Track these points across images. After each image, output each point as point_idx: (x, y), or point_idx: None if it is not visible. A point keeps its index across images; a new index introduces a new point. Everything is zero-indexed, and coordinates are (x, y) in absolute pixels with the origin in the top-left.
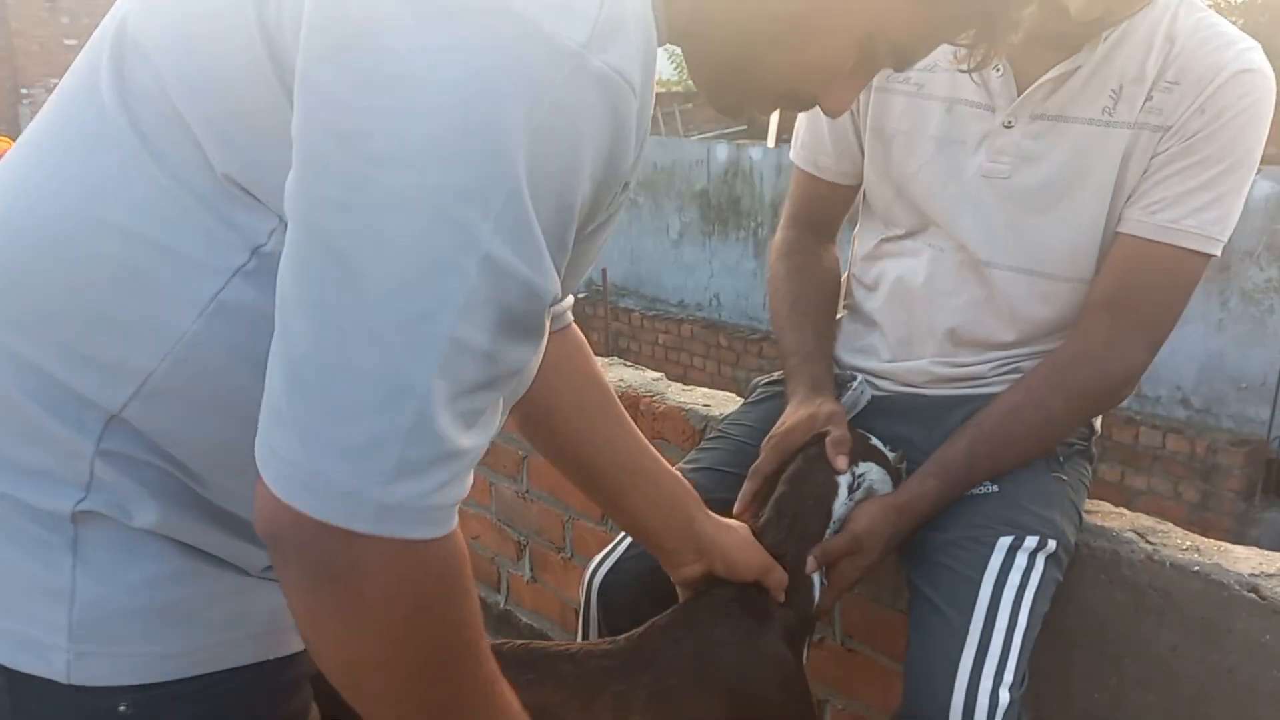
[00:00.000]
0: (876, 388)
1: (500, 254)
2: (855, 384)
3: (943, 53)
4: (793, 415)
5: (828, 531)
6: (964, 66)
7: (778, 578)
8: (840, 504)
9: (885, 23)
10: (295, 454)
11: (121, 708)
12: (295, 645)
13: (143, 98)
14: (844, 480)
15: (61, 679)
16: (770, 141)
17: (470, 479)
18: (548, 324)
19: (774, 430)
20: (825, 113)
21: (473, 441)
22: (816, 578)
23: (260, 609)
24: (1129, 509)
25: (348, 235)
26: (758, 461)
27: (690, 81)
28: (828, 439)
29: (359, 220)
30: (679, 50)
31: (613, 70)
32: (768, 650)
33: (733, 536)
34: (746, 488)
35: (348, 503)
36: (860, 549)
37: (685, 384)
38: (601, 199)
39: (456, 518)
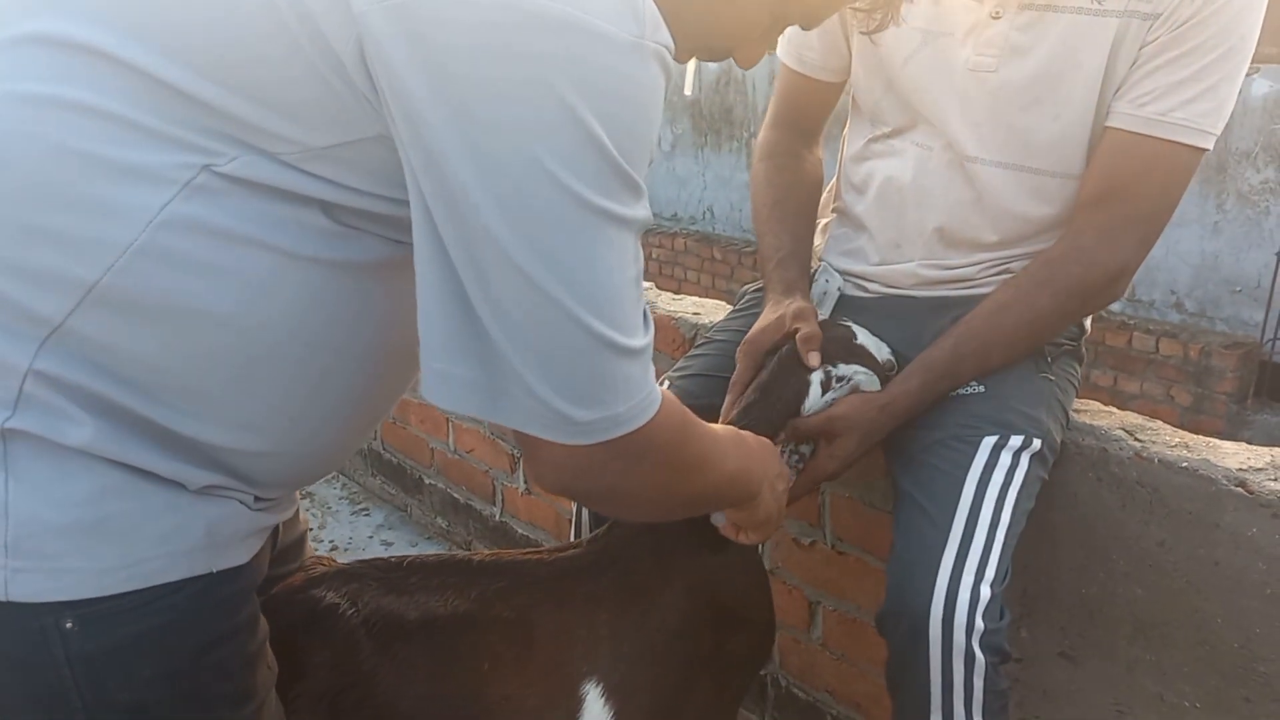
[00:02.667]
0: (865, 290)
1: (631, 214)
2: (818, 272)
3: None
4: (763, 319)
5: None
6: (864, 28)
7: None
8: (812, 404)
9: None
10: (549, 409)
11: (67, 624)
12: (236, 559)
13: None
14: (816, 378)
15: (0, 596)
16: (687, 90)
17: None
18: None
19: (746, 337)
20: (738, 64)
21: (651, 330)
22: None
23: (197, 524)
24: None
25: (516, 248)
26: (735, 373)
27: None
28: (797, 336)
29: (519, 235)
30: None
31: (662, 45)
32: (724, 540)
33: None
34: (727, 401)
35: (601, 427)
36: (834, 433)
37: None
38: None
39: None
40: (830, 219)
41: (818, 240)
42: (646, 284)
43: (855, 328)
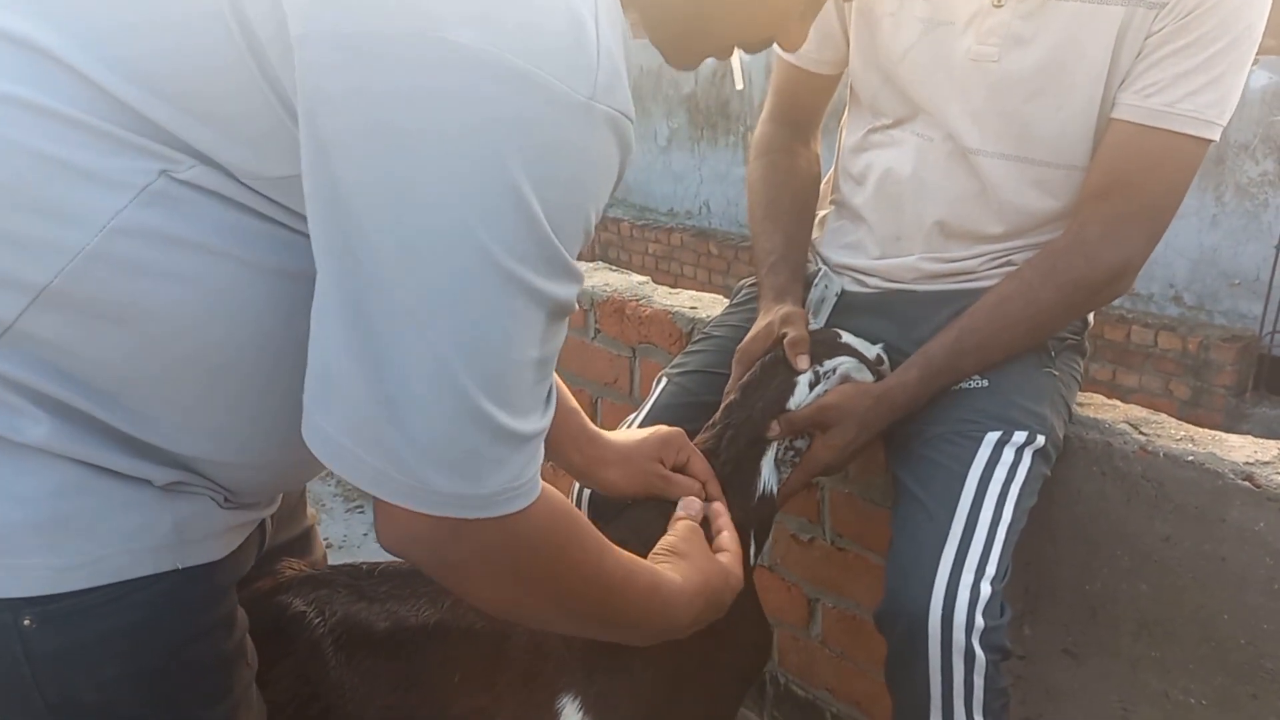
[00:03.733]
0: (864, 285)
1: (547, 288)
2: (818, 278)
3: None
4: (755, 327)
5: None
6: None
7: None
8: (799, 401)
9: None
10: (405, 472)
11: (25, 621)
12: (209, 555)
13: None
14: (804, 379)
15: None
16: (739, 83)
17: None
18: None
19: (739, 346)
20: (782, 49)
21: (546, 419)
22: (767, 475)
23: (164, 521)
24: None
25: (408, 294)
26: (729, 382)
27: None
28: (785, 340)
29: (415, 280)
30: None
31: (617, 111)
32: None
33: (609, 453)
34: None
35: (457, 502)
36: (828, 422)
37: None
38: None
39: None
40: (828, 211)
41: (815, 233)
42: (642, 278)
43: (841, 331)
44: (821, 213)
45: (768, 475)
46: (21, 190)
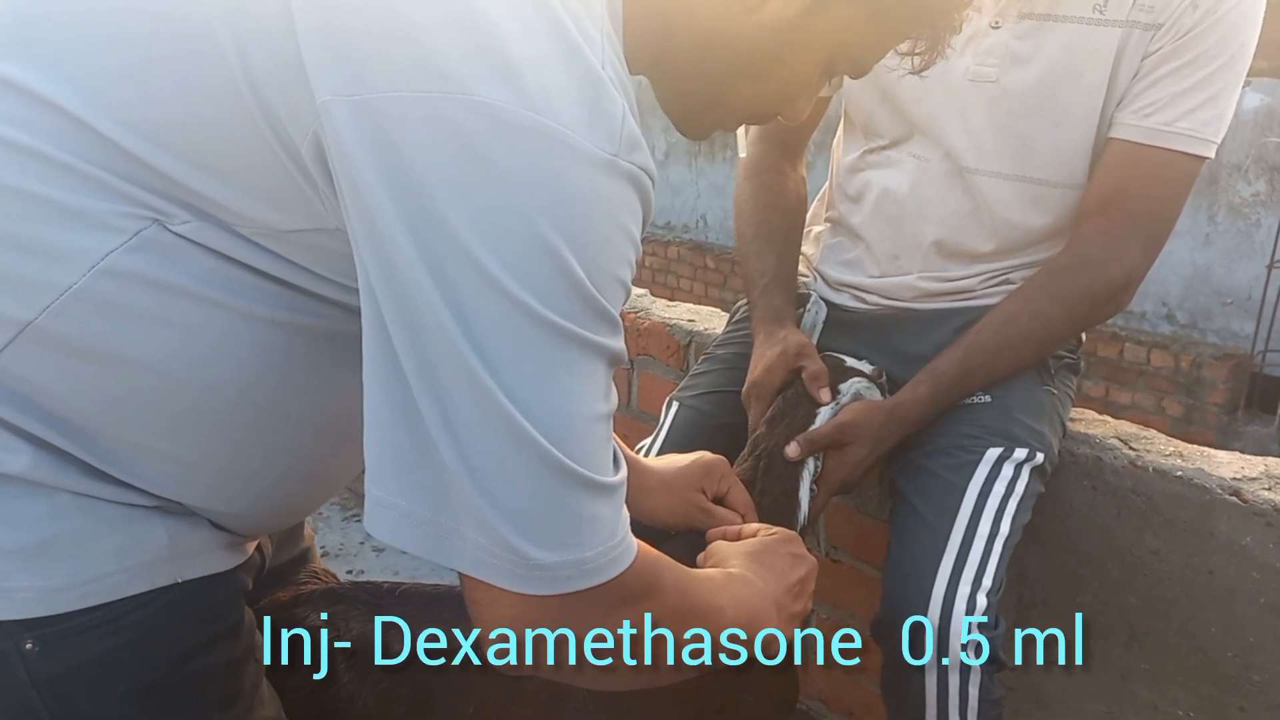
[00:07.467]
0: (864, 301)
1: (599, 340)
2: (810, 303)
3: None
4: (762, 357)
5: (815, 465)
6: (909, 70)
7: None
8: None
9: (845, 45)
10: (503, 546)
11: (27, 645)
12: (210, 568)
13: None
14: (826, 410)
15: None
16: (743, 152)
17: None
18: None
19: (749, 380)
20: (785, 121)
21: (622, 474)
22: (805, 504)
23: (157, 536)
24: None
25: (465, 357)
26: (750, 420)
27: None
28: (804, 374)
29: (468, 343)
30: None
31: (639, 168)
32: None
33: (651, 479)
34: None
35: (560, 574)
36: (845, 440)
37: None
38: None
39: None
40: (823, 228)
41: (809, 249)
42: (640, 290)
43: (841, 355)
44: (816, 228)
45: (805, 504)
46: (7, 228)
